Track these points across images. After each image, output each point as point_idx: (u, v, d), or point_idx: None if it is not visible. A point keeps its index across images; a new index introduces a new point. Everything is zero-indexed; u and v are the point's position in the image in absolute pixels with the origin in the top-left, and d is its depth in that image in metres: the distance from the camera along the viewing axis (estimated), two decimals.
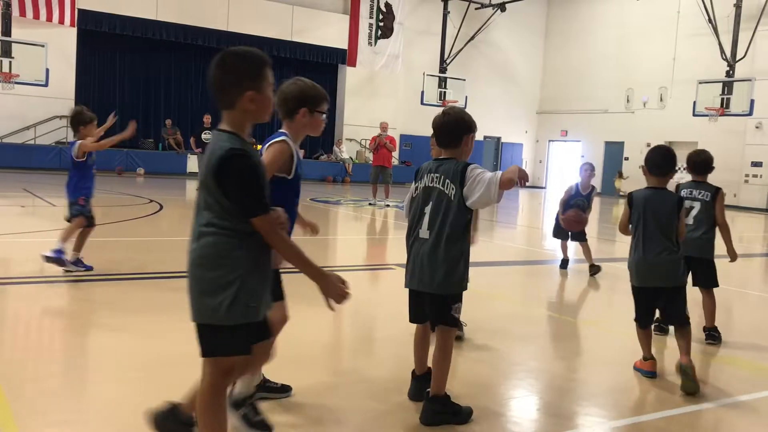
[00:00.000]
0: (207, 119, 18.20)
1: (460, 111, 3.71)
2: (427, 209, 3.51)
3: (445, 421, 3.44)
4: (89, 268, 6.61)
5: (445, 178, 3.49)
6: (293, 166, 3.32)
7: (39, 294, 5.94)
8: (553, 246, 12.27)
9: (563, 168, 33.27)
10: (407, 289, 3.67)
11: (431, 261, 3.46)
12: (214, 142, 2.56)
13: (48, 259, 6.37)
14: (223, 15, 25.27)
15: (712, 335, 5.45)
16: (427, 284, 3.49)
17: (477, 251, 4.17)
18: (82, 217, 6.66)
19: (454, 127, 3.60)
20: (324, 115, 3.42)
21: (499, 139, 33.49)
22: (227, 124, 2.61)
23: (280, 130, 3.39)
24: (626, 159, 29.53)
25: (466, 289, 3.58)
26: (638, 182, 22.49)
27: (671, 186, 4.74)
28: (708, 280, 5.47)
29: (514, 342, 5.27)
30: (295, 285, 3.48)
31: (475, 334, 5.36)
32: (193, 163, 22.84)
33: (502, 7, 27.93)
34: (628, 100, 29.77)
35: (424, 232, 3.51)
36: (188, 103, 25.85)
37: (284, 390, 3.73)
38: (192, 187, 18.73)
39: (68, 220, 6.66)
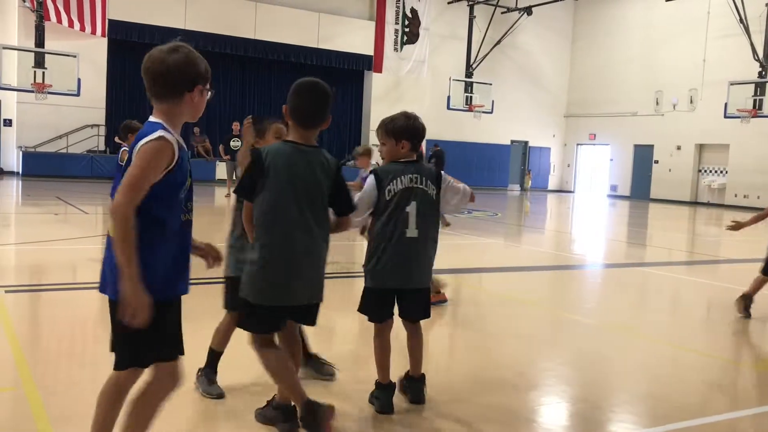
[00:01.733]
0: (236, 126, 18.35)
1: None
2: (410, 209, 3.58)
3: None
4: None
5: (426, 178, 3.65)
6: (175, 167, 2.52)
7: (73, 300, 6.02)
8: (581, 251, 12.17)
9: (592, 172, 32.97)
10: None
11: (422, 258, 3.64)
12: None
13: None
14: (250, 23, 25.51)
15: None
16: (417, 281, 3.66)
17: (506, 256, 4.13)
18: None
19: (424, 130, 3.82)
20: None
21: (526, 143, 33.29)
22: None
23: (152, 120, 2.58)
24: (656, 162, 29.16)
25: None
26: (667, 184, 21.99)
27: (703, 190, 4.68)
28: None
29: (543, 347, 5.21)
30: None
31: (504, 339, 5.32)
32: (221, 170, 23.02)
33: (528, 10, 27.79)
34: (657, 103, 29.40)
35: (411, 232, 3.58)
36: (216, 111, 26.08)
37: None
38: (220, 194, 18.89)
39: None
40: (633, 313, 6.86)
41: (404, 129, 3.71)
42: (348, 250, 9.09)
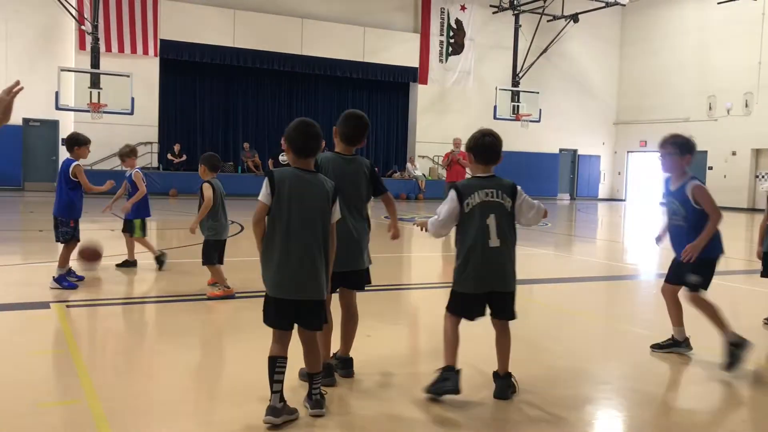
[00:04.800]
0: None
1: (495, 132, 4.26)
2: (490, 221, 3.97)
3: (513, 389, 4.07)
4: (81, 278, 7.21)
5: (502, 192, 4.03)
6: None
7: (131, 314, 6.18)
8: (634, 260, 11.92)
9: (643, 180, 32.31)
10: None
11: (506, 266, 4.04)
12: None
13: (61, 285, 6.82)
14: (297, 39, 25.88)
15: None
16: (503, 285, 4.05)
17: (556, 267, 4.12)
18: (74, 241, 7.20)
19: (499, 146, 4.17)
20: None
21: (575, 151, 32.85)
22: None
23: None
24: (710, 168, 28.43)
25: None
26: (722, 191, 21.36)
27: (762, 195, 4.64)
28: None
29: (598, 360, 5.12)
30: (371, 303, 3.50)
31: (557, 352, 5.25)
32: None
33: (575, 17, 27.49)
34: (710, 108, 28.70)
35: (494, 242, 3.98)
36: (265, 126, 26.51)
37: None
38: None
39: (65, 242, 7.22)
40: (689, 324, 6.68)
41: (474, 145, 4.14)
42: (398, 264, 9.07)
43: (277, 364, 3.52)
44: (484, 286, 4.01)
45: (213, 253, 6.78)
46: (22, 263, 8.99)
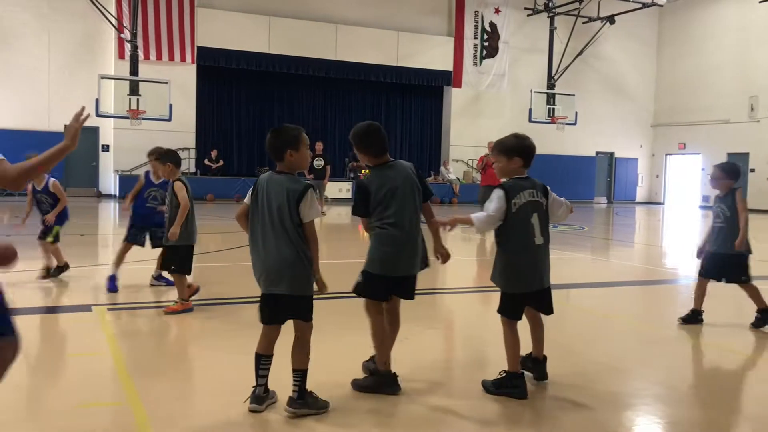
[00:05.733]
0: (318, 146, 18.70)
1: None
2: (534, 220, 4.13)
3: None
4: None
5: (539, 192, 4.21)
6: None
7: (167, 318, 6.26)
8: (673, 264, 11.72)
9: (682, 182, 31.75)
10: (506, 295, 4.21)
11: (548, 262, 4.26)
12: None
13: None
14: (331, 45, 26.05)
15: None
16: (548, 281, 4.27)
17: (593, 271, 4.09)
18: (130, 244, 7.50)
19: (534, 148, 4.32)
20: None
21: (612, 154, 32.43)
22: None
23: None
24: (752, 171, 27.80)
25: None
26: (765, 194, 20.69)
27: None
28: None
29: (636, 365, 5.05)
30: (413, 307, 3.51)
31: (594, 357, 5.19)
32: None
33: (610, 19, 27.17)
34: (752, 109, 28.08)
35: (538, 239, 4.15)
36: None
37: None
38: None
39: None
40: (730, 330, 6.56)
41: (514, 147, 4.22)
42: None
43: (261, 362, 3.77)
44: (535, 284, 4.17)
45: (190, 261, 6.38)
46: None
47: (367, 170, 4.34)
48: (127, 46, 22.03)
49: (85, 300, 6.81)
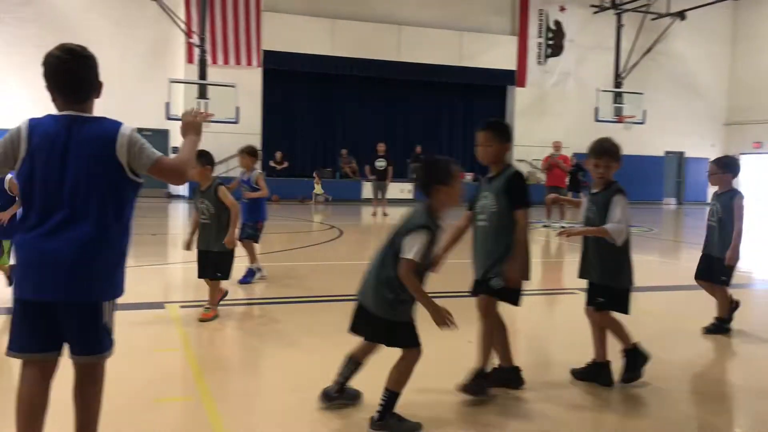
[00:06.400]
0: (381, 147, 18.81)
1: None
2: None
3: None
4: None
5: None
6: None
7: (239, 315, 6.42)
8: (748, 267, 11.30)
9: (758, 182, 30.54)
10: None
11: None
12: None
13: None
14: (394, 46, 26.13)
15: None
16: None
17: (662, 274, 4.00)
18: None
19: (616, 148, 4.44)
20: None
21: (682, 154, 31.47)
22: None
23: None
24: None
25: None
26: None
27: None
28: None
29: (711, 372, 4.91)
30: (466, 309, 3.50)
31: (668, 367, 5.08)
32: (367, 190, 23.63)
33: (681, 15, 26.35)
34: None
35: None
36: (363, 132, 26.84)
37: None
38: (366, 213, 19.40)
39: None
40: None
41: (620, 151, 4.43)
42: None
43: (345, 362, 3.84)
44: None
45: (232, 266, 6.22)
46: (135, 265, 9.51)
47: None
48: (196, 51, 22.62)
49: (157, 297, 7.05)
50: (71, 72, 2.83)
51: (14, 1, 22.73)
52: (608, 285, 4.34)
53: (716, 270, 5.85)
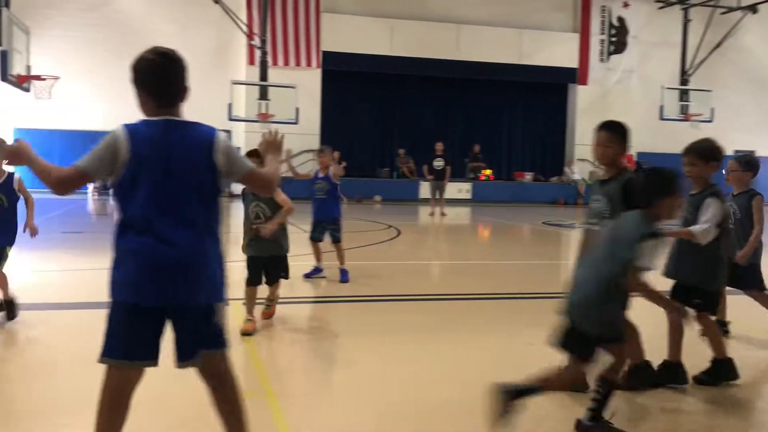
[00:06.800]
0: (439, 147, 18.73)
1: None
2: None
3: None
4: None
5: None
6: None
7: (306, 313, 6.47)
8: None
9: None
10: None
11: None
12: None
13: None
14: (453, 44, 25.99)
15: None
16: None
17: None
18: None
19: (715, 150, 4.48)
20: None
21: (753, 152, 30.31)
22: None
23: None
24: None
25: None
26: None
27: None
28: None
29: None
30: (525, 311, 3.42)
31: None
32: (425, 190, 23.53)
33: (753, 8, 25.39)
34: None
35: None
36: (420, 132, 26.79)
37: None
38: (424, 213, 19.32)
39: None
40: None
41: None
42: None
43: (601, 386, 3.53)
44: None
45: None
46: None
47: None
48: (257, 53, 22.99)
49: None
50: (164, 74, 2.85)
51: (81, 6, 23.55)
52: (699, 286, 4.26)
53: (740, 276, 5.48)
